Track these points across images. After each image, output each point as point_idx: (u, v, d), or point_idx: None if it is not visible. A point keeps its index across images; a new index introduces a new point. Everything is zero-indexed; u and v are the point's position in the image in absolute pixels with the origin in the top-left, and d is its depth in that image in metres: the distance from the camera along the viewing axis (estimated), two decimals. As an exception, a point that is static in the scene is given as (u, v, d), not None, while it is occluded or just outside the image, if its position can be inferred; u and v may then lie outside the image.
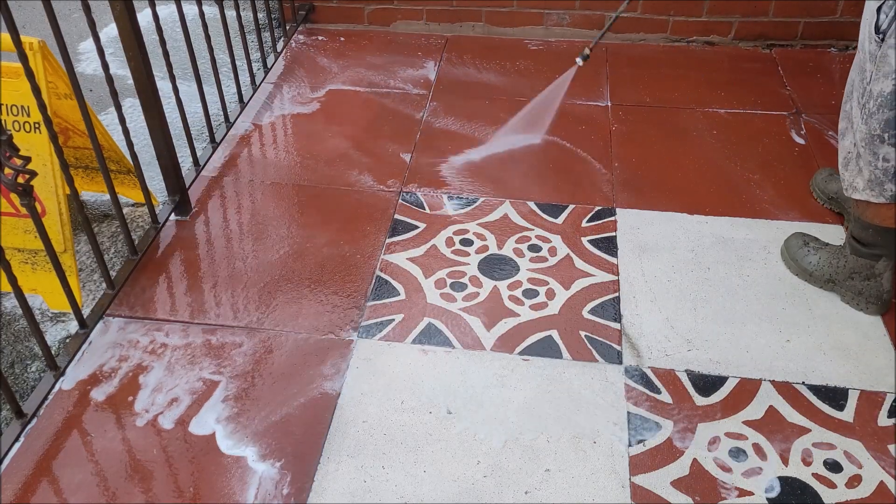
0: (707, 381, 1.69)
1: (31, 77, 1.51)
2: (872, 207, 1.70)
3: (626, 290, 1.90)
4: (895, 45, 1.51)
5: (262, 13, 3.17)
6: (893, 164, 1.61)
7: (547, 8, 2.94)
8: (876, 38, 1.55)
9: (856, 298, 1.83)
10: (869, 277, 1.79)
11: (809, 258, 1.89)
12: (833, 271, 1.85)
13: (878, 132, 1.60)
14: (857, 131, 1.66)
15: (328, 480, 1.50)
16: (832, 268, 1.85)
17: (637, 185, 2.24)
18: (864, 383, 1.68)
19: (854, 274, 1.81)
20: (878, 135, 1.60)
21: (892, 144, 1.59)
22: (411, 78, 2.77)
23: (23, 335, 1.91)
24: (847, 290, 1.84)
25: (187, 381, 1.70)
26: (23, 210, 1.66)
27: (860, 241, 1.79)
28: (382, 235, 2.08)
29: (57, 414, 1.64)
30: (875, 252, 1.77)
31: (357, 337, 1.80)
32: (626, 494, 1.47)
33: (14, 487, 1.50)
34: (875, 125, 1.59)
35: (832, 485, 1.49)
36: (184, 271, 1.99)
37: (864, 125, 1.62)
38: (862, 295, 1.82)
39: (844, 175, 1.74)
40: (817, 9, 2.82)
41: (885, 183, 1.64)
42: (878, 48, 1.55)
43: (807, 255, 1.90)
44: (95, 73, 2.96)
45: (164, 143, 2.05)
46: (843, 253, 1.84)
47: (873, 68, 1.57)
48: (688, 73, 2.77)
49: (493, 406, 1.64)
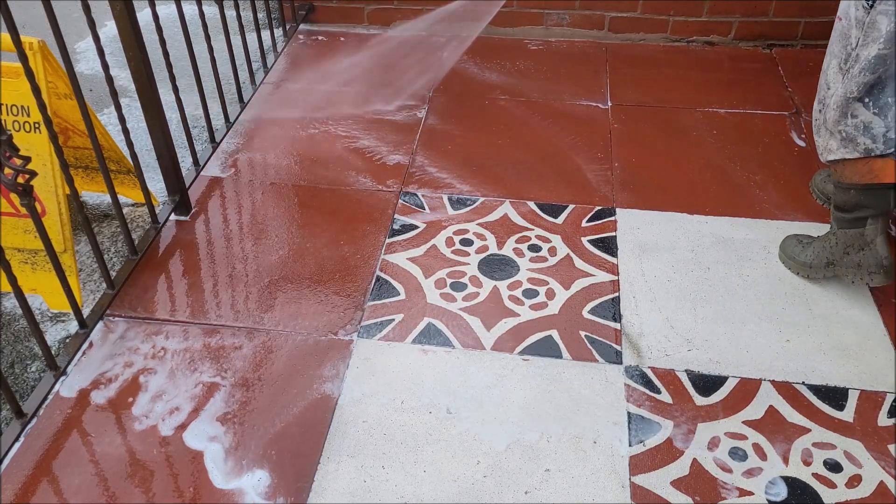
0: (707, 381, 1.69)
1: (31, 77, 1.51)
2: (849, 166, 1.75)
3: (625, 290, 1.90)
4: (885, 11, 1.57)
5: (261, 13, 3.16)
6: (862, 119, 1.67)
7: (547, 8, 2.94)
8: (864, 5, 1.61)
9: (858, 273, 1.82)
10: (863, 247, 1.80)
11: (805, 252, 1.91)
12: (828, 254, 1.86)
13: (854, 94, 1.67)
14: (831, 95, 1.72)
15: (328, 480, 1.50)
16: (826, 251, 1.86)
17: (637, 185, 2.24)
18: (864, 383, 1.68)
19: (848, 248, 1.82)
20: (855, 96, 1.67)
21: (864, 104, 1.66)
22: (411, 78, 2.76)
23: (23, 335, 1.91)
24: (847, 267, 1.84)
25: (186, 387, 1.70)
26: (23, 210, 1.66)
27: (843, 209, 1.81)
28: (382, 235, 2.08)
29: (57, 414, 1.64)
30: (860, 215, 1.78)
31: (357, 337, 1.80)
32: (626, 494, 1.47)
33: (14, 487, 1.50)
34: (853, 87, 1.67)
35: (832, 485, 1.49)
36: (184, 271, 1.99)
37: (842, 87, 1.69)
38: (862, 267, 1.81)
39: (818, 141, 1.82)
40: (817, 9, 2.82)
41: (856, 138, 1.70)
42: (867, 14, 1.61)
43: (802, 250, 1.93)
44: (92, 72, 2.96)
45: (164, 143, 2.05)
46: (831, 233, 1.87)
47: (860, 34, 1.63)
48: (688, 73, 2.78)
49: (493, 406, 1.64)
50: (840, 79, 1.69)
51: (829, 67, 1.74)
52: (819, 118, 1.80)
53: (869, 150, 1.69)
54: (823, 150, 1.80)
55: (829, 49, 1.76)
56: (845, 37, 1.68)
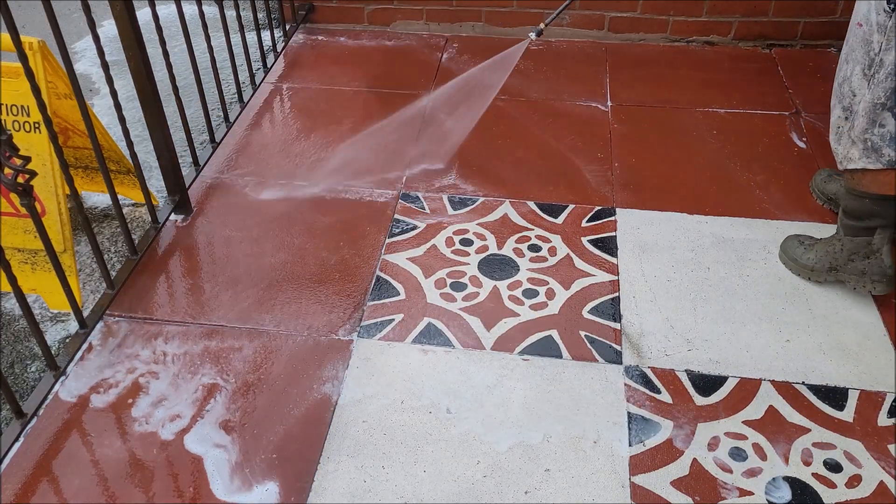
0: (707, 381, 1.69)
1: (31, 77, 1.51)
2: (869, 175, 1.72)
3: (625, 290, 1.90)
4: None
5: (261, 13, 3.16)
6: (889, 129, 1.63)
7: (547, 8, 2.94)
8: (886, 9, 1.58)
9: (861, 280, 1.83)
10: (868, 255, 1.80)
11: (808, 255, 1.90)
12: (831, 259, 1.85)
13: (881, 100, 1.63)
14: (859, 102, 1.68)
15: (328, 480, 1.50)
16: (829, 255, 1.85)
17: (637, 185, 2.24)
18: (864, 383, 1.68)
19: (853, 255, 1.81)
20: (882, 102, 1.63)
21: (893, 113, 1.62)
22: (411, 78, 2.77)
23: (23, 335, 1.91)
24: (850, 273, 1.84)
25: (187, 389, 1.69)
26: (23, 210, 1.66)
27: (853, 215, 1.80)
28: (382, 235, 2.08)
29: (57, 414, 1.64)
30: (869, 225, 1.77)
31: (357, 337, 1.80)
32: (626, 494, 1.47)
33: (14, 487, 1.50)
34: (879, 92, 1.63)
35: (832, 485, 1.49)
36: (184, 271, 1.99)
37: (869, 93, 1.65)
38: (865, 275, 1.82)
39: (837, 149, 1.77)
40: (817, 9, 2.82)
41: (882, 149, 1.66)
42: (889, 18, 1.57)
43: (804, 252, 1.91)
44: (90, 72, 2.96)
45: (164, 143, 2.05)
46: (836, 238, 1.85)
47: (882, 39, 1.59)
48: (688, 73, 2.78)
49: (493, 406, 1.64)
50: (865, 85, 1.66)
51: (853, 74, 1.69)
52: (843, 126, 1.74)
53: (893, 162, 1.66)
54: (843, 159, 1.75)
55: (847, 55, 1.72)
56: (867, 42, 1.64)
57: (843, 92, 1.73)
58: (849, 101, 1.72)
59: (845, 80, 1.72)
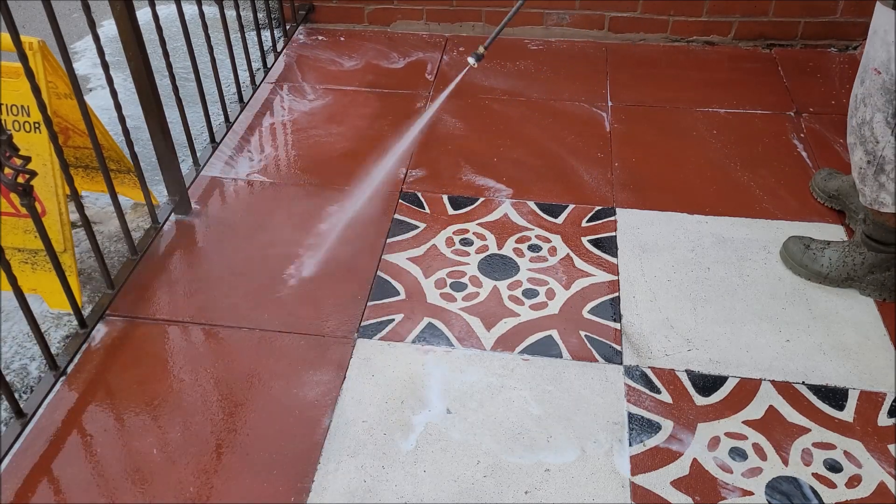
0: (707, 381, 1.69)
1: (31, 77, 1.51)
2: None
3: (626, 290, 1.90)
4: None
5: (262, 13, 3.17)
6: None
7: (547, 8, 2.94)
8: None
9: (878, 290, 1.85)
10: (889, 268, 1.81)
11: (820, 260, 1.89)
12: (850, 270, 1.85)
13: None
14: (882, 148, 1.66)
15: (328, 480, 1.50)
16: (848, 266, 1.85)
17: (637, 185, 2.24)
18: (864, 383, 1.68)
19: (874, 268, 1.83)
20: None
21: None
22: (411, 78, 2.77)
23: (23, 335, 1.91)
24: (867, 284, 1.86)
25: (187, 390, 1.70)
26: (23, 210, 1.66)
27: (880, 242, 1.81)
28: (382, 236, 2.08)
29: (57, 414, 1.64)
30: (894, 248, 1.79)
31: (357, 337, 1.80)
32: (626, 494, 1.47)
33: (14, 487, 1.50)
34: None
35: (832, 485, 1.49)
36: (184, 271, 1.99)
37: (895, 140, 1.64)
38: (885, 286, 1.84)
39: (864, 190, 1.75)
40: (817, 9, 2.82)
41: None
42: None
43: (815, 257, 1.90)
44: (89, 72, 2.96)
45: (164, 143, 2.05)
46: (858, 250, 1.85)
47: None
48: (688, 73, 2.78)
49: (492, 406, 1.64)
50: (889, 132, 1.64)
51: (874, 120, 1.66)
52: (867, 169, 1.72)
53: None
54: (873, 202, 1.74)
55: (865, 98, 1.68)
56: (888, 91, 1.62)
57: (864, 135, 1.70)
58: (871, 146, 1.69)
59: (865, 122, 1.69)
